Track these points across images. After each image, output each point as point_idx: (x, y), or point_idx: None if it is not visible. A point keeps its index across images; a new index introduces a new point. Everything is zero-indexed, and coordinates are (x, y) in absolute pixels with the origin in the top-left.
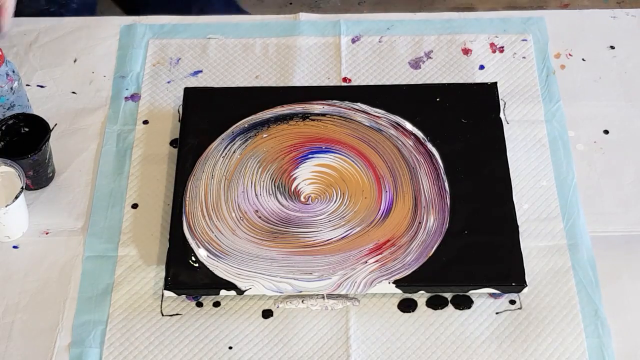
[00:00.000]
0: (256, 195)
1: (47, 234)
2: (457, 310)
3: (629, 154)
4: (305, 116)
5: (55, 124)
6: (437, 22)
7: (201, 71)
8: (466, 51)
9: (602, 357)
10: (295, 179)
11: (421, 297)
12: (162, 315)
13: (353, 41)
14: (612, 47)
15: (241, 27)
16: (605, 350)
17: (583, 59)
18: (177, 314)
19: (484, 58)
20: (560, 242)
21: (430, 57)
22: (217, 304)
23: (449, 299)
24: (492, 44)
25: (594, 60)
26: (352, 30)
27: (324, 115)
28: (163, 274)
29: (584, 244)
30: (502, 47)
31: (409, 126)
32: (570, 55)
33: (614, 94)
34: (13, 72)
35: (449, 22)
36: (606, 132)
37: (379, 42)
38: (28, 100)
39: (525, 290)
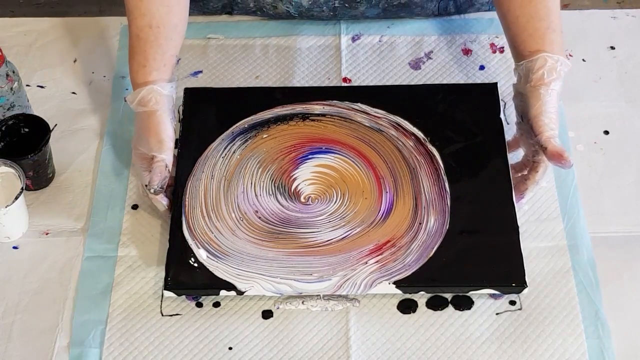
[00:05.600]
0: (256, 195)
1: (47, 234)
2: (457, 311)
3: (629, 154)
4: (305, 116)
5: (55, 125)
6: (437, 22)
7: (201, 71)
8: (466, 51)
9: (603, 358)
10: (295, 179)
11: (421, 297)
12: (162, 315)
13: (353, 40)
14: (612, 48)
15: (241, 27)
16: (605, 352)
17: (583, 59)
18: (177, 314)
19: (484, 58)
20: (561, 242)
21: (430, 58)
22: (217, 305)
23: (449, 299)
24: (492, 44)
25: (594, 60)
26: (352, 29)
27: (324, 115)
28: (163, 274)
29: (584, 245)
30: (502, 47)
31: (409, 127)
32: (570, 55)
33: (614, 95)
34: (13, 72)
35: (449, 22)
36: (606, 132)
37: (379, 41)
38: (28, 101)
39: (525, 291)
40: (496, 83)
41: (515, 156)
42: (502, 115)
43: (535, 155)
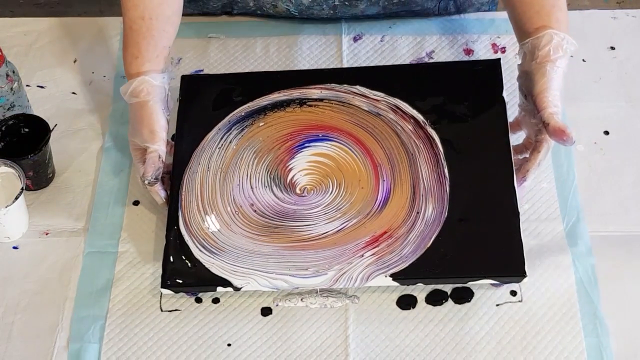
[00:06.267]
0: (251, 188)
1: (47, 234)
2: (457, 306)
3: (629, 154)
4: (302, 102)
5: (56, 125)
6: (439, 21)
7: (202, 70)
8: (468, 51)
9: (601, 356)
10: (291, 169)
11: (420, 293)
12: (162, 310)
13: (355, 40)
14: (613, 48)
15: (242, 26)
16: (603, 350)
17: (583, 60)
18: (176, 310)
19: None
20: (561, 242)
21: (431, 58)
22: (216, 301)
23: (449, 293)
24: (493, 44)
25: (594, 60)
26: (353, 29)
27: (321, 100)
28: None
29: (584, 244)
30: (504, 47)
31: (408, 109)
32: (570, 55)
33: (614, 95)
34: (13, 72)
35: (450, 22)
36: (606, 132)
37: (381, 41)
38: (28, 101)
39: (525, 280)
40: (499, 59)
41: (516, 140)
42: (504, 94)
43: (538, 134)
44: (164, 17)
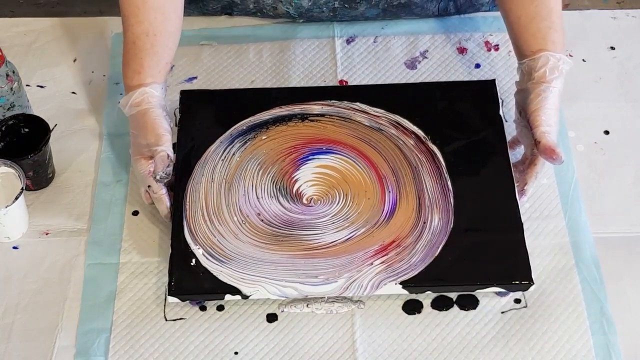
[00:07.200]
0: (257, 198)
1: (47, 234)
2: (462, 311)
3: (629, 154)
4: (304, 117)
5: (55, 125)
6: (431, 21)
7: (196, 77)
8: (461, 50)
9: (609, 354)
10: (296, 181)
11: (426, 298)
12: (166, 320)
13: (348, 42)
14: (613, 48)
15: (234, 32)
16: (611, 348)
17: (583, 60)
18: (181, 319)
19: (480, 56)
20: (563, 239)
21: (425, 57)
22: (220, 308)
23: (454, 299)
24: (486, 42)
25: (595, 60)
26: (346, 31)
27: (322, 115)
28: (165, 279)
29: (587, 241)
30: (497, 45)
31: (409, 125)
32: (570, 55)
33: (614, 95)
34: (13, 72)
35: (443, 21)
36: (607, 132)
37: (374, 42)
38: (28, 101)
39: (531, 288)
40: (494, 80)
41: (515, 156)
42: (500, 112)
43: (534, 148)
44: (167, 33)
